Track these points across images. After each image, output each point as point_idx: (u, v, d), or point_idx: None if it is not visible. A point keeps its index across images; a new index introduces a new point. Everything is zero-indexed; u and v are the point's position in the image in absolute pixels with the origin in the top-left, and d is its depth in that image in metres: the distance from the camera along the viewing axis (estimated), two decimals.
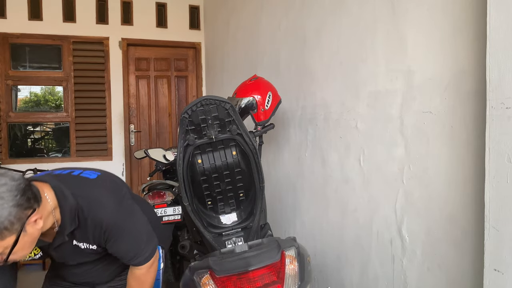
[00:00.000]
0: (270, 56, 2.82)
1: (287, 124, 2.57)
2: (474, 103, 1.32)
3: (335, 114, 2.09)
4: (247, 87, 2.12)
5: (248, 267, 1.41)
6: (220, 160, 1.73)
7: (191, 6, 4.68)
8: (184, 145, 1.66)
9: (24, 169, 3.66)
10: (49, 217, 1.21)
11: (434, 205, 1.49)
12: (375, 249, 1.81)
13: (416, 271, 1.58)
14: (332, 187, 2.14)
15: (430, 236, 1.52)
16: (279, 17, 2.68)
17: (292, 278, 1.46)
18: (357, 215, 1.93)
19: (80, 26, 4.26)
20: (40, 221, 1.14)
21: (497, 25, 1.14)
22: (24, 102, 4.37)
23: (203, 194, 1.76)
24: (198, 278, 1.43)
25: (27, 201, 1.07)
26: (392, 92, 1.68)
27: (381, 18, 1.74)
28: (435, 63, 1.47)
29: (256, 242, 1.65)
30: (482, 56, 1.25)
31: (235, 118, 1.66)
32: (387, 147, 1.72)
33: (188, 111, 1.61)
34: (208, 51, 4.62)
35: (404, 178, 1.62)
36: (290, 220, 2.58)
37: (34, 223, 1.12)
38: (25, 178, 1.10)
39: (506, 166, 1.11)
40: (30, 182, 1.13)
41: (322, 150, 2.22)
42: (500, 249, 1.14)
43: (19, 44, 4.15)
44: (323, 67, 2.19)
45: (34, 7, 4.10)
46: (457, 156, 1.39)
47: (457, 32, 1.38)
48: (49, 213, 1.21)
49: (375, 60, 1.79)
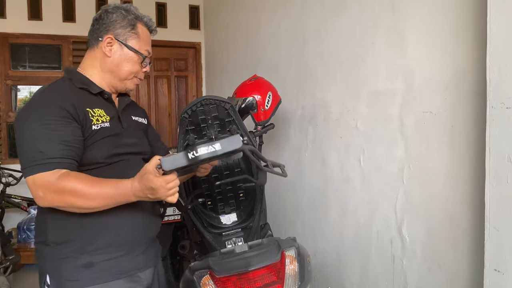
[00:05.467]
0: (270, 56, 2.82)
1: (287, 124, 2.57)
2: (474, 103, 1.32)
3: (335, 114, 2.09)
4: (247, 87, 2.11)
5: (248, 267, 1.41)
6: (220, 160, 1.73)
7: (191, 6, 4.67)
8: (184, 145, 1.66)
9: None
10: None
11: (434, 205, 1.50)
12: (375, 249, 1.81)
13: (416, 271, 1.58)
14: (332, 187, 2.13)
15: (430, 236, 1.52)
16: (279, 17, 2.68)
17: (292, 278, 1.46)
18: (357, 215, 1.93)
19: (80, 26, 4.25)
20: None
21: (497, 25, 1.14)
22: (24, 102, 4.37)
23: (203, 194, 1.76)
24: (198, 278, 1.43)
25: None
26: (392, 92, 1.68)
27: (381, 18, 1.74)
28: (435, 63, 1.47)
29: (256, 242, 1.65)
30: (482, 56, 1.25)
31: (235, 118, 1.65)
32: (387, 147, 1.72)
33: (188, 111, 1.60)
34: (208, 51, 4.62)
35: (404, 178, 1.62)
36: (290, 220, 2.58)
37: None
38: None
39: (506, 166, 1.11)
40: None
41: (322, 150, 2.22)
42: (500, 249, 1.14)
43: (19, 44, 4.14)
44: (323, 67, 2.19)
45: (34, 7, 4.10)
46: (457, 156, 1.39)
47: (457, 32, 1.38)
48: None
49: (375, 60, 1.79)
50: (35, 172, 1.09)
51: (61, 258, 1.18)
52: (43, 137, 1.10)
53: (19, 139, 1.14)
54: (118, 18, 1.29)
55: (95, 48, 1.31)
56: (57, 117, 1.13)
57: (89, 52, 1.34)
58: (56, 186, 1.07)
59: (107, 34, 1.28)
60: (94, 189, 1.09)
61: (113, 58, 1.29)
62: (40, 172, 1.08)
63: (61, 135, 1.12)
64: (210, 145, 1.03)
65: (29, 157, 1.10)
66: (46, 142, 1.10)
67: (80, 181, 1.09)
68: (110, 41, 1.28)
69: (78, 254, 1.17)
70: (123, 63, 1.30)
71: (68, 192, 1.08)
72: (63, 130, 1.13)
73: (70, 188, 1.07)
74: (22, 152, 1.13)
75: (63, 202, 1.10)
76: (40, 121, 1.12)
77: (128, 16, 1.31)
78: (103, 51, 1.29)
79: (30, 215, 3.61)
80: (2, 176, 3.57)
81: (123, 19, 1.30)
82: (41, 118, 1.12)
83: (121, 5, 1.33)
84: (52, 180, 1.07)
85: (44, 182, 1.08)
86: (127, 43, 1.30)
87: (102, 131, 1.22)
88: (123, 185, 1.10)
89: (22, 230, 3.59)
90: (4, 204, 3.67)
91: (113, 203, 1.12)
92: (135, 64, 1.32)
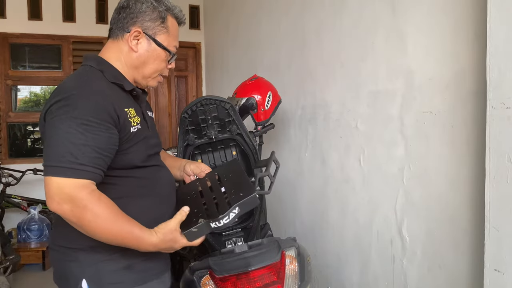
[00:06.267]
0: (270, 56, 2.82)
1: (287, 124, 2.57)
2: (474, 103, 1.32)
3: (335, 114, 2.09)
4: (247, 87, 2.11)
5: (248, 267, 1.41)
6: (220, 160, 1.73)
7: (191, 6, 4.67)
8: (184, 145, 1.66)
9: (24, 169, 3.66)
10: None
11: (434, 205, 1.49)
12: (375, 249, 1.81)
13: (416, 271, 1.58)
14: (332, 187, 2.13)
15: (430, 236, 1.52)
16: (279, 17, 2.68)
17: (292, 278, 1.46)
18: (357, 215, 1.93)
19: (80, 26, 4.26)
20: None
21: (497, 25, 1.14)
22: (24, 102, 4.37)
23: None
24: (198, 278, 1.43)
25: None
26: (392, 92, 1.68)
27: (381, 18, 1.74)
28: (435, 63, 1.47)
29: (256, 242, 1.65)
30: (482, 56, 1.25)
31: (235, 118, 1.65)
32: (387, 147, 1.72)
33: (188, 111, 1.61)
34: (208, 51, 4.62)
35: (404, 178, 1.62)
36: (290, 220, 2.58)
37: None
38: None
39: (506, 166, 1.11)
40: None
41: (322, 150, 2.22)
42: (500, 249, 1.14)
43: (19, 44, 4.15)
44: (323, 67, 2.19)
45: (34, 7, 4.10)
46: (457, 156, 1.39)
47: (457, 32, 1.38)
48: None
49: (375, 60, 1.79)
50: (61, 175, 0.98)
51: (100, 262, 1.11)
52: (79, 138, 1.00)
53: (49, 131, 1.02)
54: (147, 9, 1.17)
55: (119, 40, 1.19)
56: (98, 120, 1.03)
57: (112, 42, 1.21)
58: (83, 202, 0.98)
59: (134, 27, 1.17)
60: (117, 224, 1.02)
61: (139, 54, 1.18)
62: (67, 177, 0.98)
63: (98, 140, 1.02)
64: (231, 212, 1.09)
65: (57, 156, 0.99)
66: (81, 145, 0.99)
67: (109, 211, 1.01)
68: (137, 35, 1.17)
69: (119, 257, 1.12)
70: (149, 59, 1.20)
71: (92, 214, 0.99)
72: (101, 136, 1.03)
73: (97, 212, 0.99)
74: (49, 147, 1.01)
75: (76, 219, 0.99)
76: (80, 119, 1.01)
77: (159, 7, 1.19)
78: (129, 44, 1.17)
79: (30, 215, 3.62)
80: (2, 176, 3.57)
81: (153, 10, 1.18)
82: (82, 116, 1.01)
83: None
84: (81, 195, 0.98)
85: (71, 192, 0.97)
86: (156, 38, 1.19)
87: (138, 134, 1.15)
88: (144, 233, 1.06)
89: (22, 230, 3.59)
90: (4, 204, 3.68)
91: (121, 242, 1.05)
92: (162, 62, 1.23)
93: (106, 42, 1.23)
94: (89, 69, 1.15)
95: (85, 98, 1.05)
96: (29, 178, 3.70)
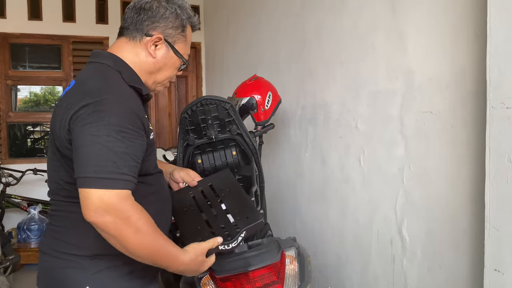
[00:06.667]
0: (270, 56, 2.82)
1: (287, 124, 2.57)
2: (474, 103, 1.32)
3: (335, 114, 2.09)
4: (247, 87, 2.11)
5: (248, 267, 1.41)
6: (220, 160, 1.73)
7: (191, 6, 4.67)
8: (184, 145, 1.66)
9: (24, 169, 3.66)
10: None
11: (434, 205, 1.49)
12: (375, 249, 1.81)
13: (416, 271, 1.58)
14: (332, 187, 2.13)
15: (430, 236, 1.52)
16: (279, 17, 2.68)
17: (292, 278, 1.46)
18: (357, 215, 1.93)
19: (80, 26, 4.25)
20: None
21: (497, 25, 1.13)
22: (24, 102, 4.37)
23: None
24: (198, 278, 1.43)
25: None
26: (392, 92, 1.68)
27: (381, 18, 1.74)
28: (435, 63, 1.47)
29: (256, 242, 1.65)
30: (482, 56, 1.25)
31: (235, 118, 1.65)
32: (387, 147, 1.72)
33: (188, 111, 1.61)
34: (208, 51, 4.62)
35: (404, 178, 1.62)
36: (290, 220, 2.58)
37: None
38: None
39: (506, 166, 1.11)
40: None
41: (322, 150, 2.22)
42: (500, 249, 1.14)
43: (19, 44, 4.15)
44: (323, 67, 2.19)
45: (34, 7, 4.10)
46: (457, 156, 1.39)
47: (457, 32, 1.38)
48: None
49: (375, 60, 1.79)
50: (104, 187, 0.92)
51: (104, 268, 1.08)
52: (120, 146, 0.95)
53: (84, 138, 0.95)
54: (171, 16, 1.13)
55: (137, 42, 1.13)
56: (134, 127, 0.99)
57: (127, 42, 1.14)
58: (127, 213, 0.93)
59: (156, 32, 1.12)
60: (158, 241, 0.98)
61: (156, 60, 1.14)
62: (110, 189, 0.92)
63: (134, 148, 0.98)
64: (239, 236, 1.13)
65: (98, 166, 0.92)
66: (122, 153, 0.94)
67: (149, 226, 0.97)
68: (157, 41, 1.13)
69: (122, 264, 1.09)
70: (165, 66, 1.17)
71: (135, 228, 0.94)
72: (136, 143, 0.99)
73: (139, 226, 0.95)
74: (87, 156, 0.94)
75: (118, 232, 0.93)
76: (118, 126, 0.96)
77: (182, 15, 1.15)
78: (148, 49, 1.13)
79: (30, 215, 3.61)
80: (2, 176, 3.57)
81: (176, 18, 1.14)
82: (120, 123, 0.96)
83: (175, 0, 1.17)
84: (125, 206, 0.93)
85: (115, 203, 0.92)
86: (175, 46, 1.16)
87: (153, 141, 1.14)
88: (179, 251, 1.04)
89: (22, 230, 3.59)
90: (4, 204, 3.68)
91: (155, 259, 1.01)
92: (175, 69, 1.21)
93: (118, 40, 1.17)
94: (107, 68, 1.09)
95: (119, 103, 1.00)
96: (29, 178, 3.70)
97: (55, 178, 1.10)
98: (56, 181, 1.10)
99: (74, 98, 1.01)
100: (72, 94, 1.04)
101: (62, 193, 1.09)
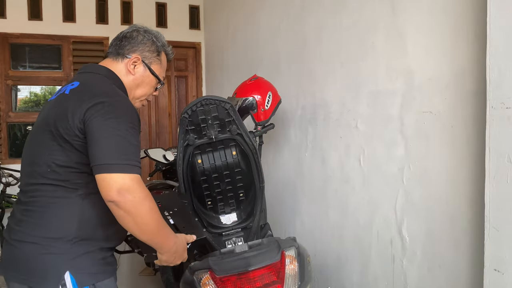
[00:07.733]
0: (270, 56, 2.82)
1: (287, 124, 2.57)
2: (474, 103, 1.32)
3: (335, 114, 2.09)
4: (247, 87, 2.11)
5: (248, 267, 1.41)
6: (220, 160, 1.73)
7: (191, 6, 4.67)
8: (184, 145, 1.66)
9: None
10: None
11: (434, 205, 1.50)
12: (375, 249, 1.81)
13: (416, 271, 1.58)
14: (332, 187, 2.14)
15: (430, 236, 1.52)
16: (279, 17, 2.68)
17: (292, 278, 1.46)
18: (357, 215, 1.93)
19: (80, 26, 4.25)
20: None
21: (497, 25, 1.14)
22: (24, 102, 4.37)
23: (203, 194, 1.76)
24: (198, 278, 1.43)
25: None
26: (392, 92, 1.68)
27: (381, 18, 1.74)
28: (435, 63, 1.47)
29: (256, 242, 1.65)
30: (482, 56, 1.25)
31: (235, 118, 1.65)
32: (387, 147, 1.72)
33: (188, 111, 1.61)
34: (208, 51, 4.62)
35: (404, 178, 1.62)
36: (290, 220, 2.58)
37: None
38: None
39: (506, 166, 1.11)
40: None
41: (322, 150, 2.22)
42: (500, 249, 1.14)
43: (19, 44, 4.14)
44: (323, 67, 2.19)
45: (34, 7, 4.10)
46: (457, 156, 1.39)
47: (457, 32, 1.38)
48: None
49: (375, 60, 1.79)
50: (126, 171, 1.09)
51: (82, 254, 1.18)
52: (135, 139, 1.15)
53: (106, 130, 1.12)
54: (147, 42, 1.37)
55: (119, 62, 1.35)
56: (138, 126, 1.19)
57: (112, 62, 1.36)
58: (144, 192, 1.10)
59: (134, 54, 1.35)
60: (162, 219, 1.17)
61: (135, 77, 1.35)
62: (130, 173, 1.09)
63: (139, 142, 1.18)
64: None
65: (122, 153, 1.10)
66: (136, 146, 1.15)
67: (155, 205, 1.15)
68: (136, 61, 1.35)
69: (98, 250, 1.21)
70: (143, 83, 1.37)
71: (149, 205, 1.11)
72: (139, 138, 1.19)
73: (150, 204, 1.12)
74: (110, 145, 1.11)
75: (135, 208, 1.09)
76: (131, 123, 1.15)
77: (157, 43, 1.39)
78: (128, 68, 1.34)
79: None
80: (2, 176, 3.57)
81: (152, 44, 1.38)
82: (132, 120, 1.16)
83: (152, 31, 1.41)
84: (142, 187, 1.11)
85: (134, 184, 1.09)
86: (151, 66, 1.37)
87: None
88: (171, 231, 1.23)
89: None
90: (4, 204, 3.67)
91: (158, 237, 1.17)
92: (151, 88, 1.41)
93: (103, 61, 1.37)
94: (104, 78, 1.29)
95: (130, 105, 1.21)
96: None
97: (46, 161, 1.17)
98: (48, 163, 1.17)
99: (85, 95, 1.17)
100: (82, 91, 1.20)
101: (51, 175, 1.17)
